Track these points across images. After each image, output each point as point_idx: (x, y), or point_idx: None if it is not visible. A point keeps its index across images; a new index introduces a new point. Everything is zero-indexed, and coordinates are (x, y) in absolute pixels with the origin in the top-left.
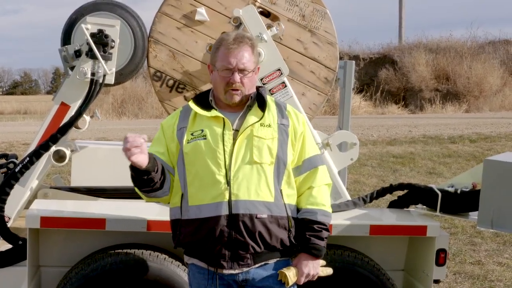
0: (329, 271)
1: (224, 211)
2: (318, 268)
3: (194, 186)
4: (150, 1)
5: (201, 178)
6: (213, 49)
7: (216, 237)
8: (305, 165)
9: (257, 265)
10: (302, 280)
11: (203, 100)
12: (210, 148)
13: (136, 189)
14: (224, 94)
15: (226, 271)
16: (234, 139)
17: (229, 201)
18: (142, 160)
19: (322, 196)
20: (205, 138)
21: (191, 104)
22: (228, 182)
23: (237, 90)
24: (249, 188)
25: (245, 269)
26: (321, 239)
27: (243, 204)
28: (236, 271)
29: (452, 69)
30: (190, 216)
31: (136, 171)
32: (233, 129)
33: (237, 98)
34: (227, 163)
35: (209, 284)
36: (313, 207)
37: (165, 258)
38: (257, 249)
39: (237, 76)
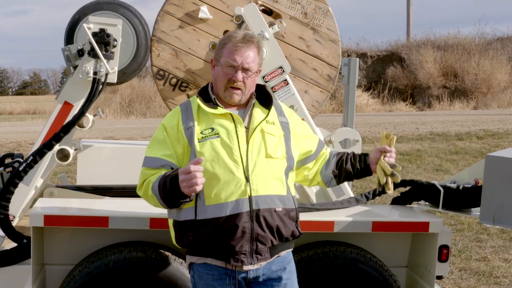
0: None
1: (246, 208)
2: None
3: (211, 185)
4: (157, 0)
5: (219, 177)
6: (219, 44)
7: (239, 234)
8: (319, 146)
9: (271, 259)
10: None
11: (206, 97)
12: (226, 146)
13: (159, 203)
14: (224, 91)
15: (246, 267)
16: (246, 136)
17: (250, 197)
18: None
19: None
20: (218, 136)
21: (200, 102)
22: (247, 178)
23: (238, 89)
24: (266, 183)
25: (262, 263)
26: None
27: (263, 199)
28: (255, 266)
29: (460, 66)
30: (207, 216)
31: (181, 197)
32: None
33: (236, 98)
34: (243, 159)
35: (224, 284)
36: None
37: (168, 256)
38: (274, 242)
39: (240, 75)
